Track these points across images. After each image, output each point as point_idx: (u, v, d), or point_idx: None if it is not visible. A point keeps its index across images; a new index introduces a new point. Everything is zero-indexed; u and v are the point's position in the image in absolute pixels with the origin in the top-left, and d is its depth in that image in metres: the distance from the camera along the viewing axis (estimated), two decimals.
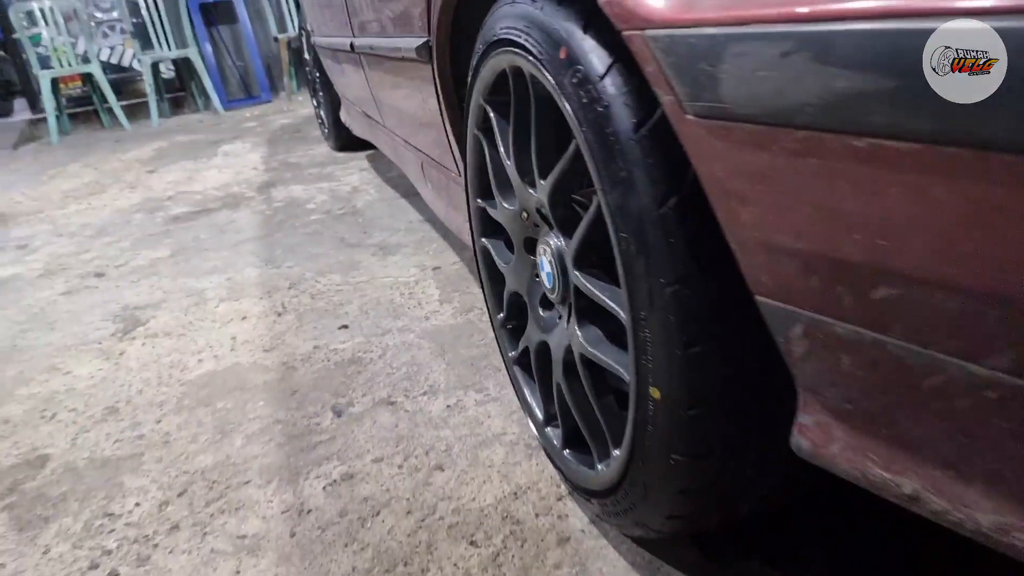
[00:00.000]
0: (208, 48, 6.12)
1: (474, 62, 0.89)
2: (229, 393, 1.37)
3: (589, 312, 0.76)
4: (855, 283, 0.40)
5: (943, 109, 0.31)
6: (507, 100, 0.83)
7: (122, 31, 6.65)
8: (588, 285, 0.72)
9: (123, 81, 6.67)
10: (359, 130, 2.64)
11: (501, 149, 0.88)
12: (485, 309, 1.56)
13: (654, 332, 0.58)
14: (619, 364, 0.69)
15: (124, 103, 6.09)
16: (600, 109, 0.58)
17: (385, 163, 3.16)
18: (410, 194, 2.61)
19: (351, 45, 1.79)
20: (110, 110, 5.96)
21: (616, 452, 0.74)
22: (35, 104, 6.48)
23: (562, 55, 0.63)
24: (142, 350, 1.62)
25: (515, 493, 0.99)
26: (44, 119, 5.75)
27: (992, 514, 0.39)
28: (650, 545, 0.85)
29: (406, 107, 1.47)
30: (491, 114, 0.89)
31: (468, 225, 1.16)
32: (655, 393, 0.61)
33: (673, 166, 0.53)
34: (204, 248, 2.34)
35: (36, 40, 5.84)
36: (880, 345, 0.41)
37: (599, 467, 0.80)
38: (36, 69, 5.66)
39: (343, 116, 3.10)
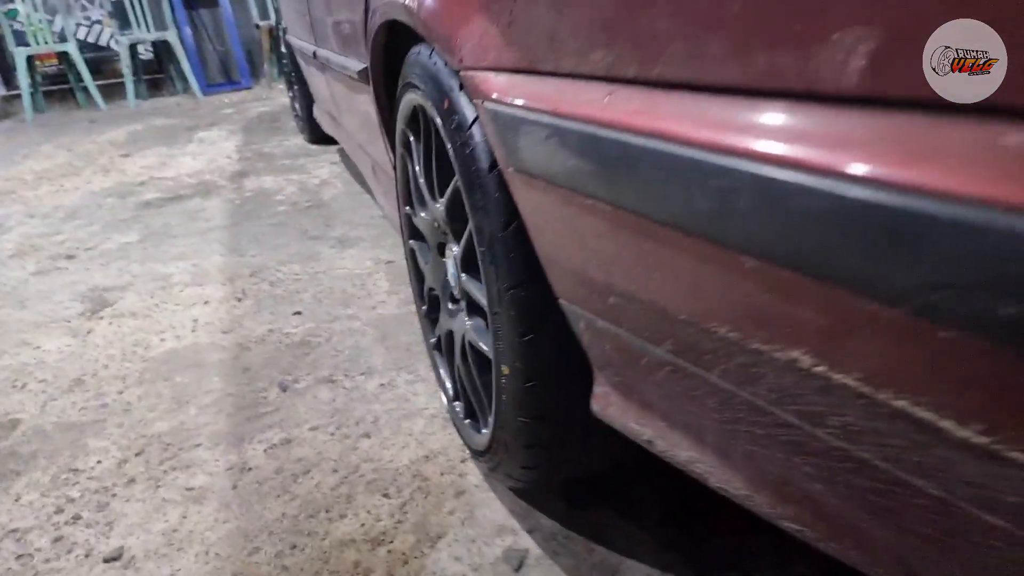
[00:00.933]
0: (188, 31, 6.18)
1: (398, 94, 1.06)
2: (187, 369, 1.53)
3: (474, 307, 0.94)
4: (600, 293, 0.58)
5: (610, 182, 0.49)
6: (417, 128, 1.01)
7: (100, 7, 6.67)
8: (469, 285, 0.90)
9: (100, 61, 6.69)
10: (327, 127, 2.79)
11: (417, 168, 1.06)
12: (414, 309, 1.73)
13: (503, 323, 0.76)
14: (488, 348, 0.87)
15: (100, 83, 6.15)
16: (468, 151, 0.76)
17: (350, 161, 3.31)
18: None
19: (314, 53, 1.95)
20: (85, 89, 6.02)
21: (490, 418, 0.92)
22: (9, 80, 6.50)
23: (446, 104, 0.81)
24: (108, 329, 1.77)
25: (427, 457, 1.17)
26: (19, 96, 5.80)
27: (686, 451, 0.58)
28: (527, 497, 1.04)
29: (358, 116, 1.63)
30: (410, 138, 1.07)
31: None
32: (505, 370, 0.79)
33: (512, 201, 0.71)
34: (173, 235, 2.48)
35: (12, 15, 5.87)
36: (619, 336, 0.59)
37: (483, 431, 0.98)
38: (12, 45, 5.70)
39: (316, 112, 3.24)
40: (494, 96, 0.64)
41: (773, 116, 0.37)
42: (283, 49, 3.82)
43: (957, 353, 0.31)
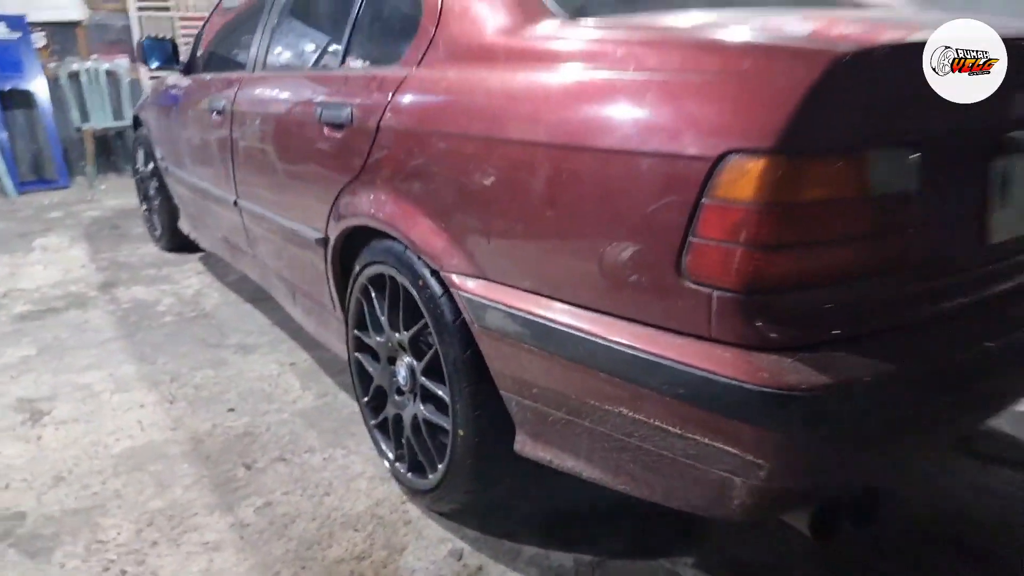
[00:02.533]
0: (3, 135, 6.05)
1: (362, 264, 1.65)
2: (155, 461, 1.91)
3: (429, 397, 1.54)
4: (527, 386, 1.23)
5: (535, 338, 1.14)
6: (382, 286, 1.60)
7: None
8: (430, 384, 1.50)
9: None
10: (212, 247, 3.19)
11: (378, 309, 1.65)
12: (336, 395, 2.25)
13: (460, 406, 1.38)
14: (443, 421, 1.47)
15: None
16: (439, 310, 1.38)
17: (221, 267, 3.66)
18: (254, 299, 3.17)
19: (235, 202, 2.44)
20: None
21: (440, 466, 1.51)
22: None
23: (421, 283, 1.43)
24: (57, 434, 2.06)
25: (377, 503, 1.70)
26: None
27: (571, 463, 1.23)
28: (455, 519, 1.62)
29: (291, 261, 2.15)
30: (372, 292, 1.66)
31: (335, 341, 1.90)
32: (461, 433, 1.39)
33: (469, 337, 1.34)
34: (70, 347, 2.72)
35: None
36: (536, 407, 1.23)
37: (430, 476, 1.56)
38: None
39: (185, 228, 3.59)
40: (465, 288, 1.29)
41: (592, 319, 1.06)
42: (141, 166, 4.10)
43: (661, 404, 1.00)
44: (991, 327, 1.10)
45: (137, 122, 4.17)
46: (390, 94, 1.47)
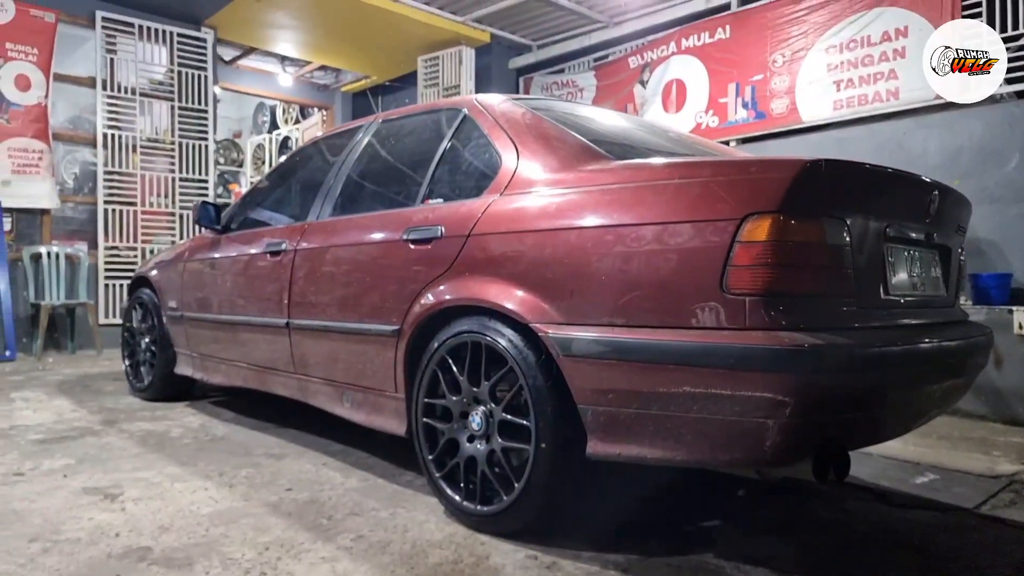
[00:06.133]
0: None
1: (441, 340, 2.20)
2: (244, 517, 2.21)
3: (507, 429, 2.03)
4: (605, 394, 1.79)
5: (615, 352, 1.74)
6: (460, 354, 2.14)
7: None
8: (511, 417, 2.01)
9: None
10: (227, 380, 3.55)
11: (456, 373, 2.17)
12: (375, 480, 2.62)
13: (543, 424, 1.90)
14: (522, 445, 1.96)
15: None
16: (523, 354, 1.95)
17: (212, 410, 3.95)
18: (261, 428, 3.49)
19: (286, 324, 2.93)
20: None
21: (516, 485, 1.97)
22: None
23: (508, 338, 2.00)
24: (139, 507, 2.31)
25: (450, 534, 2.09)
26: None
27: (636, 451, 1.77)
28: (518, 538, 2.03)
29: (350, 361, 2.64)
30: (450, 361, 2.19)
31: (389, 421, 2.38)
32: (543, 445, 1.90)
33: (548, 370, 1.90)
34: (105, 458, 2.93)
35: None
36: (609, 411, 1.79)
37: (505, 498, 2.00)
38: None
39: (187, 371, 3.92)
40: (551, 331, 1.88)
41: (662, 332, 1.68)
42: (135, 323, 4.45)
43: (716, 375, 1.60)
44: (883, 341, 1.78)
45: (135, 285, 4.60)
46: (480, 212, 2.15)
